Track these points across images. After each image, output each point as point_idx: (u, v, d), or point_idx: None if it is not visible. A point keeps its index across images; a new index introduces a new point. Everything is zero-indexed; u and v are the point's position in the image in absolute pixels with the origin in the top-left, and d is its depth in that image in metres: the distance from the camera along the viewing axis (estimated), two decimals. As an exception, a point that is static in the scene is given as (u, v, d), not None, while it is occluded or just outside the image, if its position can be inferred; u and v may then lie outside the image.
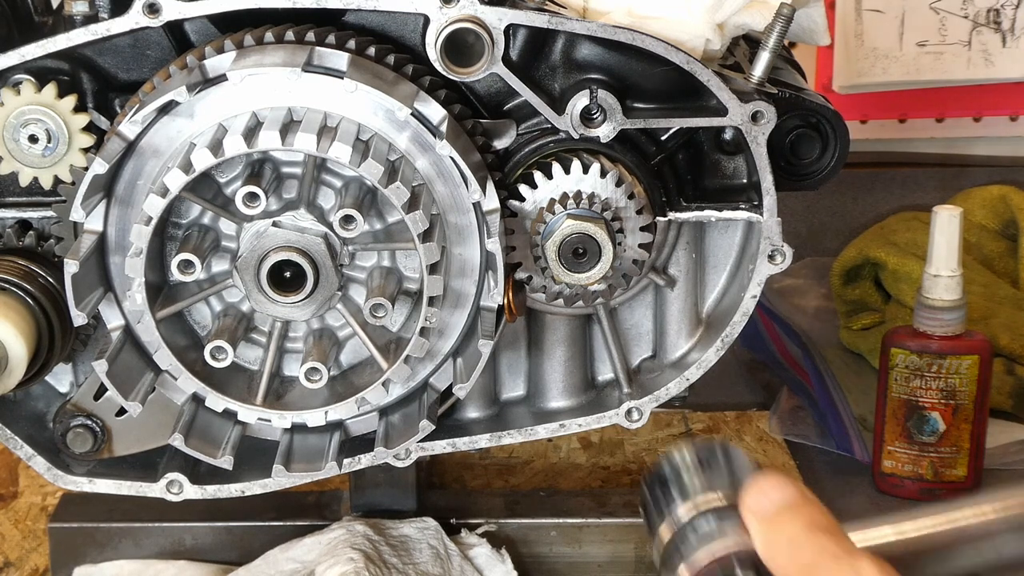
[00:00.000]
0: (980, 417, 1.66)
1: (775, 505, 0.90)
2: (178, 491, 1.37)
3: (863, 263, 2.00)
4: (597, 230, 1.27)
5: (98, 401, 1.37)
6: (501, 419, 1.41)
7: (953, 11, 2.25)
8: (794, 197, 1.37)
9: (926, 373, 1.64)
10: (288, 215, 1.24)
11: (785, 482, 0.91)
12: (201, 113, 1.21)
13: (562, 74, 1.30)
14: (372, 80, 1.20)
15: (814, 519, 0.88)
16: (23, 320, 1.27)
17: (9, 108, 1.27)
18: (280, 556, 1.52)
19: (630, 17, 1.31)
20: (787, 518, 0.89)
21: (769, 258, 1.32)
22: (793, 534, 0.88)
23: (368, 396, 1.27)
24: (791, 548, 0.88)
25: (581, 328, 1.41)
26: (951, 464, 1.66)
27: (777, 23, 1.29)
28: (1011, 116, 2.33)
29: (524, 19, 1.25)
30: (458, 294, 1.28)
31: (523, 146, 1.31)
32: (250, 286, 1.24)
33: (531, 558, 1.58)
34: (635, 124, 1.29)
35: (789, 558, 0.88)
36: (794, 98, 1.33)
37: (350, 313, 1.27)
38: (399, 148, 1.22)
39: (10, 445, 1.35)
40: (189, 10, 1.24)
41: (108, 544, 1.57)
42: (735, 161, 1.34)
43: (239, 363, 1.30)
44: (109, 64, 1.31)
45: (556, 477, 1.75)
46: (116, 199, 1.23)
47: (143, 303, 1.22)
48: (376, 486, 1.56)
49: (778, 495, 0.90)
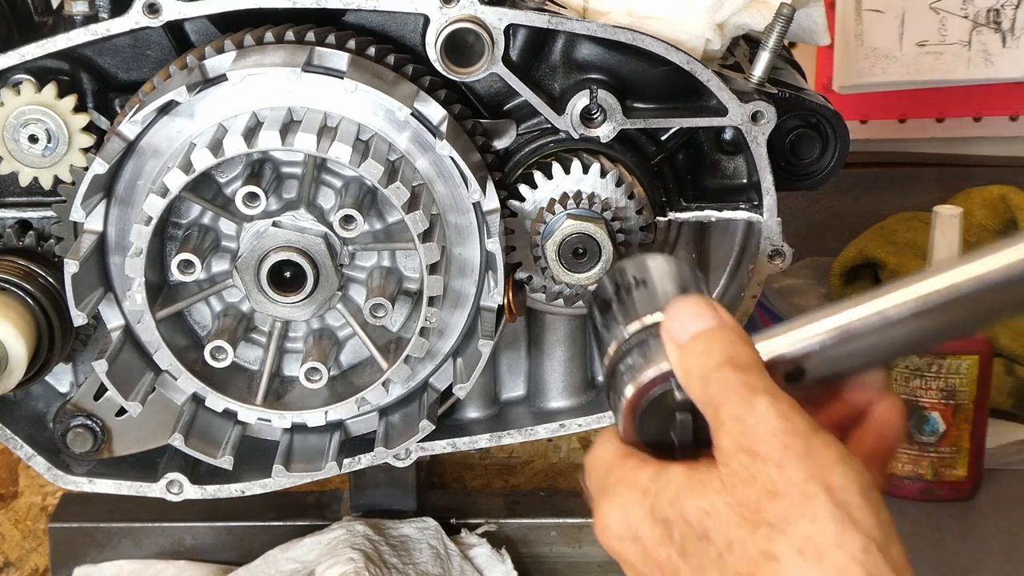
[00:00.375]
0: (980, 417, 1.66)
1: (689, 333, 0.90)
2: (178, 491, 1.36)
3: (863, 263, 2.00)
4: (597, 230, 1.27)
5: (98, 401, 1.37)
6: (501, 419, 1.41)
7: (953, 11, 2.25)
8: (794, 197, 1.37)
9: (926, 373, 1.64)
10: (288, 215, 1.24)
11: (702, 308, 0.91)
12: (201, 113, 1.20)
13: (562, 74, 1.30)
14: (372, 80, 1.20)
15: (725, 350, 0.88)
16: (23, 320, 1.27)
17: (9, 108, 1.27)
18: (280, 556, 1.53)
19: (630, 17, 1.31)
20: (699, 347, 0.89)
21: (769, 258, 1.32)
22: (702, 365, 0.88)
23: (368, 396, 1.27)
24: (700, 380, 0.88)
25: (581, 328, 1.41)
26: (951, 464, 1.66)
27: (777, 23, 1.29)
28: (1011, 116, 2.32)
29: (524, 19, 1.25)
30: (458, 294, 1.28)
31: (523, 146, 1.31)
32: (250, 286, 1.24)
33: (531, 558, 1.58)
34: (635, 124, 1.29)
35: (699, 389, 0.88)
36: (794, 98, 1.33)
37: (350, 313, 1.27)
38: (399, 148, 1.22)
39: (10, 445, 1.35)
40: (189, 10, 1.24)
41: (108, 544, 1.57)
42: (735, 161, 1.34)
43: (239, 363, 1.30)
44: (109, 64, 1.31)
45: (556, 477, 1.75)
46: (116, 199, 1.23)
47: (143, 303, 1.22)
48: (376, 486, 1.56)
49: (693, 322, 0.90)
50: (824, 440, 0.84)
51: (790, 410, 0.85)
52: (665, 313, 0.91)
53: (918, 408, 1.65)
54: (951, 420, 1.65)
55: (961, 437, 1.66)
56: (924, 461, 1.66)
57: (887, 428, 0.95)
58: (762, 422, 0.84)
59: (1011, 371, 1.83)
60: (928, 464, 1.66)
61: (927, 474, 1.67)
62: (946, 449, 1.66)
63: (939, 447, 1.66)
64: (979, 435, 1.66)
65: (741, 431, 0.85)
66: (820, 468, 0.83)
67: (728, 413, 0.86)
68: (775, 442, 0.84)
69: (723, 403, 0.86)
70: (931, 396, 1.64)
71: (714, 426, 0.87)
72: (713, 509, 0.84)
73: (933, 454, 1.66)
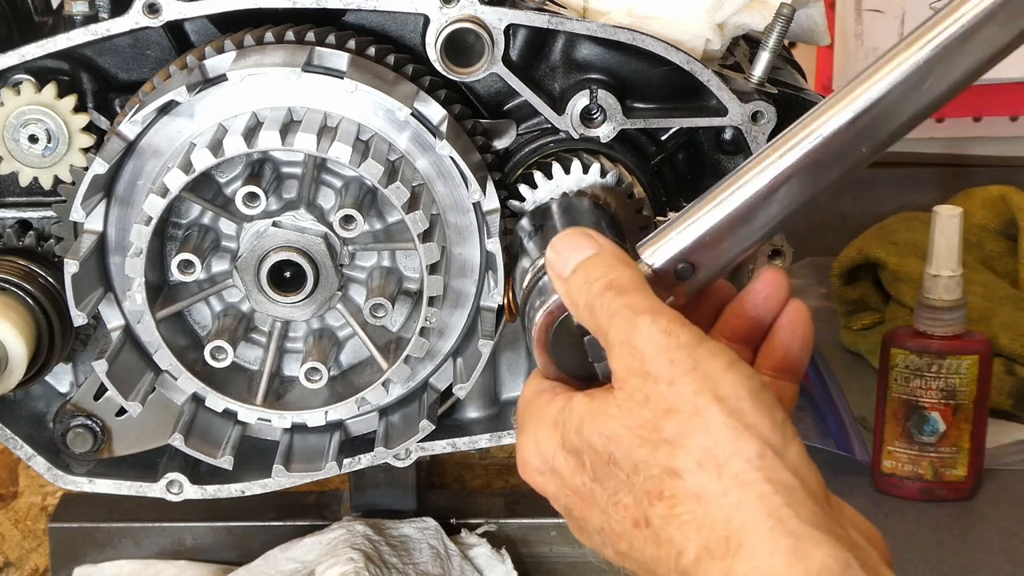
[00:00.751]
0: (980, 417, 1.66)
1: (570, 265, 0.93)
2: (178, 491, 1.36)
3: (863, 263, 2.00)
4: (597, 230, 1.27)
5: (98, 401, 1.37)
6: (501, 419, 1.41)
7: (953, 11, 2.25)
8: (794, 197, 1.37)
9: (926, 373, 1.64)
10: (288, 215, 1.24)
11: (579, 238, 0.94)
12: (201, 113, 1.21)
13: (562, 74, 1.31)
14: (372, 80, 1.20)
15: (605, 275, 0.91)
16: (23, 320, 1.27)
17: (9, 108, 1.27)
18: (280, 556, 1.53)
19: (630, 17, 1.31)
20: (580, 278, 0.92)
21: (769, 258, 1.32)
22: (586, 294, 0.91)
23: (368, 396, 1.27)
24: (587, 309, 0.91)
25: (581, 328, 1.41)
26: (951, 464, 1.66)
27: (777, 23, 1.29)
28: (1011, 116, 2.32)
29: (524, 19, 1.25)
30: (458, 294, 1.28)
31: (523, 146, 1.31)
32: (250, 286, 1.24)
33: (531, 558, 1.58)
34: (635, 124, 1.29)
35: (587, 318, 0.91)
36: (794, 98, 1.33)
37: (350, 313, 1.27)
38: (399, 148, 1.22)
39: (10, 445, 1.35)
40: (189, 10, 1.24)
41: (108, 544, 1.57)
42: (735, 161, 1.34)
43: (239, 363, 1.30)
44: (109, 64, 1.31)
45: (556, 477, 1.75)
46: (116, 199, 1.23)
47: (143, 303, 1.22)
48: (376, 486, 1.56)
49: (574, 253, 0.94)
50: (710, 349, 0.86)
51: (672, 324, 0.87)
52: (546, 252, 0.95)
53: (918, 408, 1.65)
54: (951, 420, 1.65)
55: (961, 437, 1.65)
56: (924, 461, 1.66)
57: (794, 334, 0.97)
58: (647, 341, 0.86)
59: (1011, 371, 1.83)
60: (928, 464, 1.66)
61: (927, 474, 1.66)
62: (946, 449, 1.66)
63: (939, 447, 1.66)
64: (979, 435, 1.66)
65: (629, 353, 0.87)
66: (708, 379, 0.85)
67: (616, 337, 0.88)
68: (662, 359, 0.86)
69: (609, 328, 0.89)
70: (931, 396, 1.64)
71: (608, 352, 0.89)
72: (614, 434, 0.87)
73: (933, 454, 1.66)
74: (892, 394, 1.66)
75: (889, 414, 1.67)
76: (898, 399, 1.66)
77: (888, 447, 1.68)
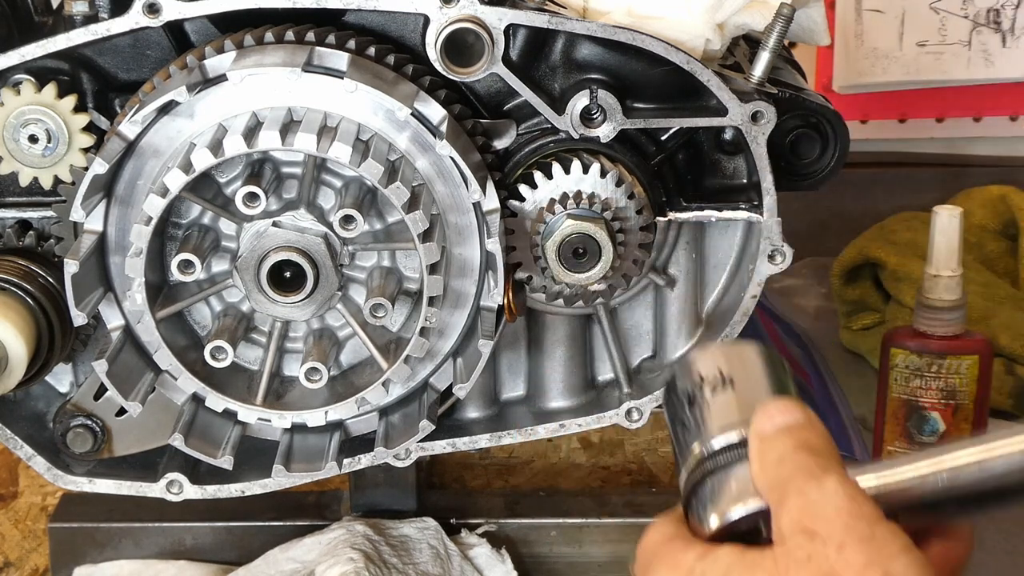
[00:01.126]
0: (980, 417, 1.66)
1: (776, 427, 0.87)
2: (178, 491, 1.36)
3: (863, 263, 2.00)
4: (597, 230, 1.27)
5: (98, 401, 1.37)
6: (501, 419, 1.41)
7: (953, 11, 2.25)
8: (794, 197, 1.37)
9: (926, 373, 1.64)
10: (288, 215, 1.24)
11: (792, 406, 0.89)
12: (201, 113, 1.20)
13: (562, 74, 1.30)
14: (372, 80, 1.20)
15: (807, 440, 0.86)
16: (23, 320, 1.27)
17: (9, 108, 1.27)
18: (280, 556, 1.53)
19: (630, 17, 1.31)
20: (782, 438, 0.87)
21: (769, 258, 1.32)
22: (782, 452, 0.86)
23: (368, 396, 1.27)
24: (776, 465, 0.85)
25: (581, 328, 1.41)
26: (951, 464, 1.66)
27: (777, 23, 1.29)
28: (1011, 116, 2.32)
29: (524, 19, 1.25)
30: (458, 294, 1.28)
31: (523, 146, 1.31)
32: (250, 286, 1.24)
33: (531, 558, 1.58)
34: (635, 124, 1.29)
35: (773, 475, 0.85)
36: (794, 98, 1.33)
37: (350, 313, 1.27)
38: (399, 148, 1.22)
39: (10, 445, 1.35)
40: (189, 10, 1.24)
41: (108, 544, 1.57)
42: (735, 161, 1.34)
43: (239, 363, 1.30)
44: (109, 64, 1.31)
45: (556, 477, 1.75)
46: (116, 199, 1.23)
47: (143, 303, 1.22)
48: (376, 486, 1.56)
49: (781, 417, 0.88)
50: (892, 529, 0.81)
51: (859, 494, 0.82)
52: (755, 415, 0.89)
53: (918, 408, 1.65)
54: (951, 420, 1.65)
55: (961, 437, 1.65)
56: (924, 461, 1.66)
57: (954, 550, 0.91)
58: (828, 499, 0.81)
59: (1011, 371, 1.83)
60: (928, 464, 1.66)
61: (927, 474, 1.66)
62: (946, 449, 1.66)
63: (939, 447, 1.66)
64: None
65: (802, 508, 0.82)
66: (882, 555, 0.79)
67: (793, 489, 0.83)
68: (838, 522, 0.80)
69: (790, 480, 0.83)
70: (931, 396, 1.64)
71: (776, 511, 0.84)
72: None
73: (933, 454, 1.66)
74: (892, 394, 1.66)
75: (889, 414, 1.67)
76: (898, 399, 1.66)
77: (888, 447, 1.68)
